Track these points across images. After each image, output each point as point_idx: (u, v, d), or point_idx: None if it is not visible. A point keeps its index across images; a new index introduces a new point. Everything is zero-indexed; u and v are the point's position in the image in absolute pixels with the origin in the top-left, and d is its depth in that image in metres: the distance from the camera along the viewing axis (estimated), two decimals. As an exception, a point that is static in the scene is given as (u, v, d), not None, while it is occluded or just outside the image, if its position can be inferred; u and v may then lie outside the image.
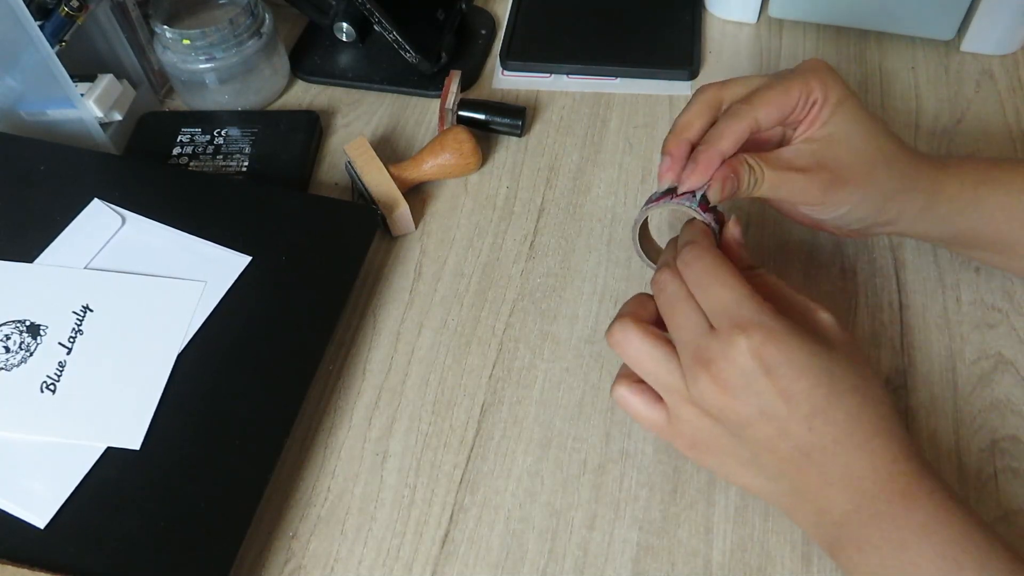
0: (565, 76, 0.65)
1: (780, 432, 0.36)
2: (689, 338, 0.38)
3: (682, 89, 0.64)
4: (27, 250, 0.50)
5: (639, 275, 0.53)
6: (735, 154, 0.42)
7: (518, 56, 0.65)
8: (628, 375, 0.41)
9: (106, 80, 0.58)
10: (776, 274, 0.41)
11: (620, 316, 0.41)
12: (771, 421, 0.36)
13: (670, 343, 0.39)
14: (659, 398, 0.40)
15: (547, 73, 0.65)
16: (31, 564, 0.39)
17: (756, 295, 0.37)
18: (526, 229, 0.56)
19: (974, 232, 0.46)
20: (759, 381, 0.36)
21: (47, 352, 0.46)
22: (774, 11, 0.67)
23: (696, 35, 0.66)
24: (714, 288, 0.38)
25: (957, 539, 0.35)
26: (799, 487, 0.38)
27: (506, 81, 0.66)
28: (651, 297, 0.41)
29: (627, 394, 0.41)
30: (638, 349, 0.39)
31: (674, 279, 0.40)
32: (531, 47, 0.66)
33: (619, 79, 0.65)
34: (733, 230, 0.43)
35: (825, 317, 0.39)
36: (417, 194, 0.58)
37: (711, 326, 0.37)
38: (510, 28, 0.68)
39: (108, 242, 0.51)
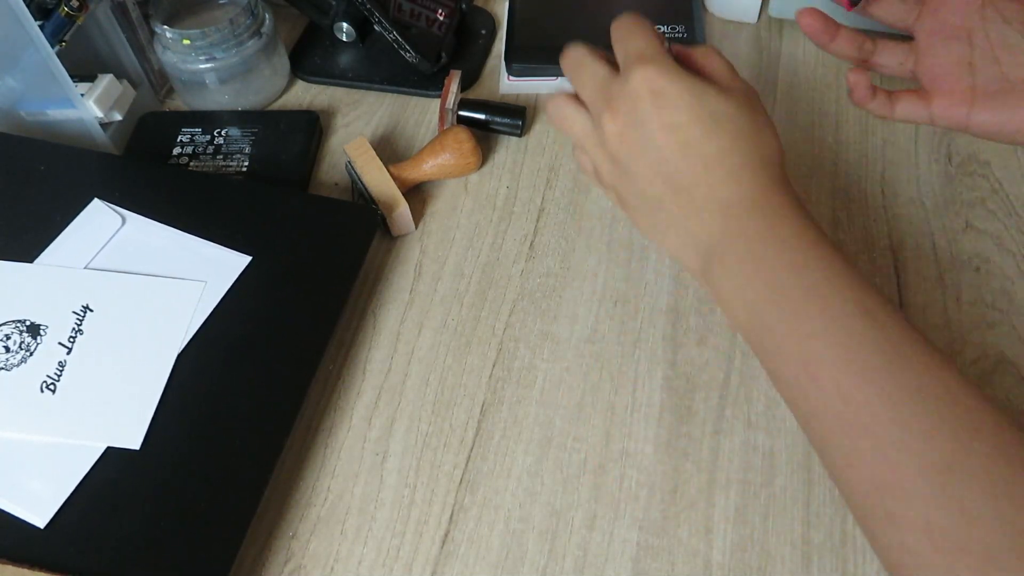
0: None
1: (659, 161, 0.40)
2: (595, 89, 0.43)
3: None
4: (27, 250, 0.50)
5: (639, 275, 0.53)
6: None
7: (522, 62, 0.65)
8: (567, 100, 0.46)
9: (106, 80, 0.58)
10: None
11: (552, 97, 0.46)
12: (652, 150, 0.40)
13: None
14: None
15: (553, 76, 0.65)
16: (31, 564, 0.39)
17: (664, 47, 0.41)
18: (526, 229, 0.56)
19: None
20: (645, 109, 0.39)
21: (47, 352, 0.46)
22: (774, 11, 0.67)
23: (698, 32, 0.66)
24: (634, 34, 0.42)
25: (811, 248, 0.38)
26: (674, 217, 0.41)
27: (513, 86, 0.66)
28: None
29: (564, 105, 0.46)
30: (565, 116, 0.45)
31: (581, 46, 0.45)
32: (534, 52, 0.66)
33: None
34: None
35: (740, 84, 0.42)
36: (417, 194, 0.58)
37: (616, 72, 0.42)
38: (510, 32, 0.68)
39: (108, 242, 0.51)
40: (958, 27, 0.47)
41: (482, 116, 0.61)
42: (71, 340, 0.46)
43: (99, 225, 0.51)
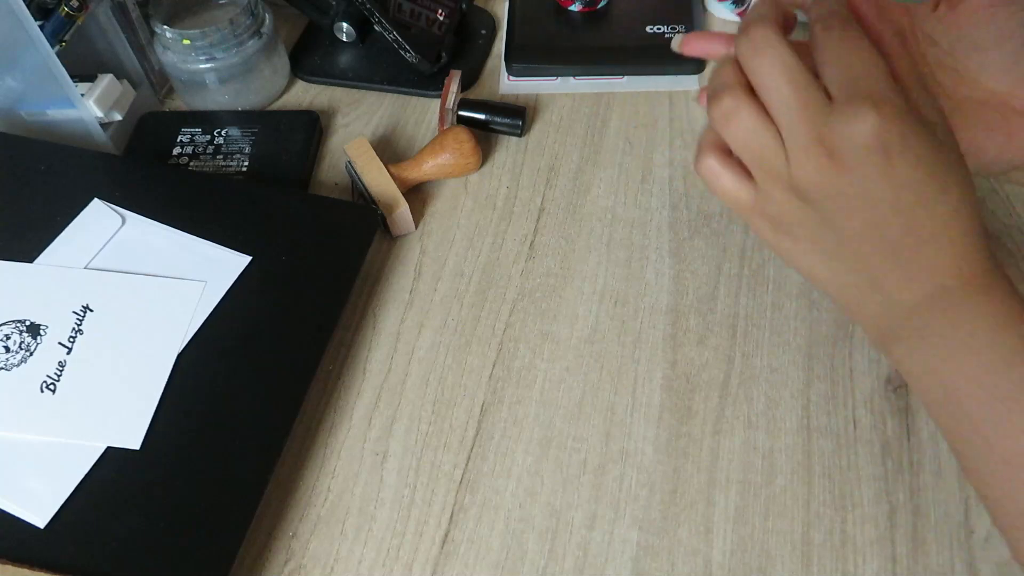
0: (572, 78, 0.65)
1: (878, 220, 0.34)
2: (804, 112, 0.33)
3: (689, 84, 0.64)
4: (27, 250, 0.50)
5: (639, 275, 0.53)
6: None
7: (522, 61, 0.65)
8: (716, 144, 0.38)
9: (106, 80, 0.58)
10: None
11: (729, 87, 0.36)
12: (874, 207, 0.34)
13: (773, 122, 0.35)
14: (748, 174, 0.37)
15: (554, 76, 0.65)
16: (31, 564, 0.39)
17: (891, 71, 0.34)
18: (526, 229, 0.56)
19: None
20: (877, 161, 0.32)
21: (47, 352, 0.46)
22: (774, 11, 0.67)
23: (699, 28, 0.66)
24: (861, 53, 0.33)
25: None
26: (876, 278, 0.36)
27: (513, 86, 0.66)
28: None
29: (717, 167, 0.38)
30: (748, 129, 0.35)
31: (780, 39, 0.35)
32: (534, 52, 0.66)
33: (625, 77, 0.65)
34: None
35: (936, 104, 0.35)
36: (417, 194, 0.58)
37: (828, 98, 0.33)
38: (510, 32, 0.68)
39: (108, 242, 0.51)
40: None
41: (482, 116, 0.61)
42: (71, 340, 0.46)
43: (99, 225, 0.51)
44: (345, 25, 0.65)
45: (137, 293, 0.48)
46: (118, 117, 0.60)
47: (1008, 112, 0.37)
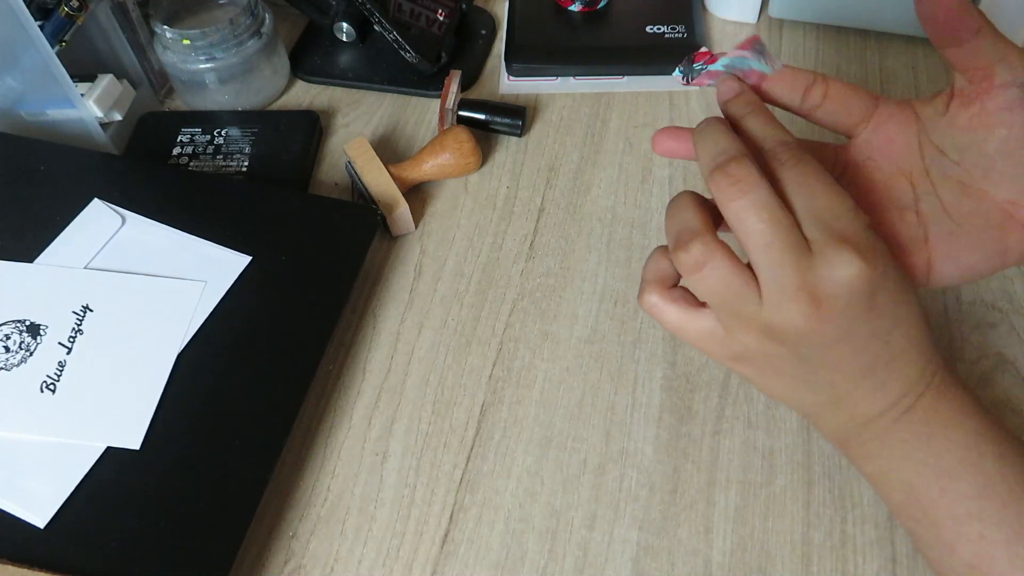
0: (572, 78, 0.65)
1: (856, 351, 0.34)
2: (787, 258, 0.32)
3: (688, 85, 0.64)
4: (27, 250, 0.50)
5: (639, 275, 0.53)
6: None
7: (522, 61, 0.65)
8: (657, 279, 0.37)
9: (106, 80, 0.58)
10: None
11: (698, 233, 0.34)
12: (853, 341, 0.34)
13: (748, 269, 0.34)
14: (698, 303, 0.36)
15: (554, 76, 0.65)
16: (31, 564, 0.39)
17: (858, 206, 0.33)
18: (526, 229, 0.56)
19: None
20: (861, 304, 0.32)
21: (47, 352, 0.46)
22: (774, 11, 0.67)
23: (698, 32, 0.66)
24: (825, 194, 0.33)
25: (979, 430, 0.35)
26: (841, 398, 0.36)
27: (513, 86, 0.66)
28: (706, 208, 0.36)
29: (660, 303, 0.37)
30: (722, 279, 0.34)
31: (762, 181, 0.33)
32: (534, 52, 0.66)
33: (625, 77, 0.65)
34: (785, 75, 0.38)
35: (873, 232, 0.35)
36: (417, 194, 0.58)
37: (804, 238, 0.32)
38: (510, 32, 0.68)
39: (108, 242, 0.51)
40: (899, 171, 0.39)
41: (482, 116, 0.61)
42: (71, 340, 0.46)
43: (99, 225, 0.51)
44: (345, 25, 0.65)
45: (137, 293, 0.48)
46: (118, 117, 0.60)
47: (1008, 226, 0.36)
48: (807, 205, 0.33)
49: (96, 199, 0.52)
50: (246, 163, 0.58)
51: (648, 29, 0.66)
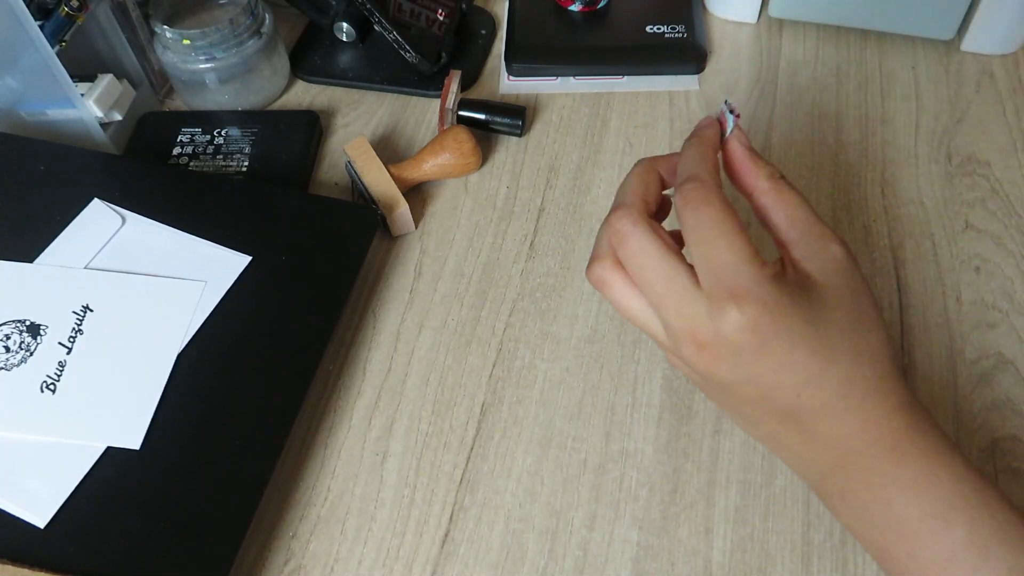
0: (572, 78, 0.65)
1: (765, 395, 0.35)
2: (666, 302, 0.34)
3: (689, 84, 0.64)
4: (27, 250, 0.50)
5: (639, 275, 0.53)
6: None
7: (522, 61, 0.65)
8: (607, 254, 0.38)
9: (106, 80, 0.58)
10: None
11: (599, 257, 0.37)
12: (757, 387, 0.35)
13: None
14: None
15: (553, 76, 0.65)
16: (31, 564, 0.39)
17: (757, 257, 0.34)
18: (526, 229, 0.56)
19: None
20: (749, 355, 0.33)
21: (47, 352, 0.46)
22: (774, 11, 0.67)
23: (698, 32, 0.66)
24: (713, 245, 0.34)
25: (948, 495, 0.34)
26: (782, 440, 0.37)
27: (513, 86, 0.66)
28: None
29: (607, 276, 0.38)
30: (620, 304, 0.37)
31: (638, 227, 0.35)
32: (534, 52, 0.66)
33: (625, 77, 0.65)
34: (740, 137, 0.38)
35: (836, 252, 0.36)
36: (417, 194, 0.58)
37: (696, 282, 0.34)
38: (510, 32, 0.68)
39: (108, 242, 0.51)
40: None
41: (482, 116, 0.61)
42: (71, 340, 0.46)
43: (99, 225, 0.51)
44: (345, 25, 0.65)
45: (137, 293, 0.48)
46: (118, 117, 0.60)
47: None
48: (701, 253, 0.34)
49: (96, 199, 0.52)
50: (246, 163, 0.58)
51: (648, 29, 0.66)
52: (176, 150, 0.59)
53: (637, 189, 0.38)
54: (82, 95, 0.56)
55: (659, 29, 0.66)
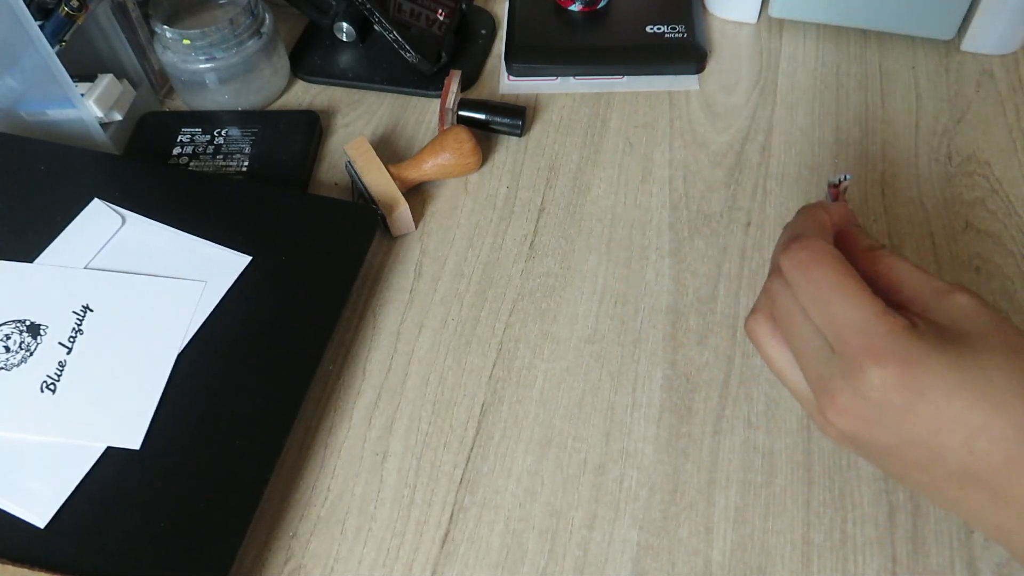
0: (572, 78, 0.65)
1: (933, 458, 0.31)
2: (810, 364, 0.33)
3: (689, 84, 0.64)
4: (27, 250, 0.50)
5: (639, 275, 0.53)
6: None
7: (522, 61, 0.65)
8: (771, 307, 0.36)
9: (106, 80, 0.58)
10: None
11: (754, 310, 0.36)
12: (920, 449, 0.31)
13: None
14: None
15: (553, 76, 0.66)
16: (31, 564, 0.39)
17: (886, 311, 0.31)
18: (526, 229, 0.56)
19: None
20: (898, 415, 0.30)
21: (47, 352, 0.46)
22: (774, 11, 0.67)
23: (698, 32, 0.66)
24: (834, 305, 0.32)
25: None
26: (972, 507, 0.32)
27: (513, 86, 0.66)
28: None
29: (759, 330, 0.37)
30: (764, 353, 0.36)
31: (786, 290, 0.34)
32: (534, 52, 0.66)
33: (625, 77, 0.65)
34: (844, 209, 0.37)
35: (963, 301, 0.32)
36: (417, 194, 0.58)
37: (832, 348, 0.32)
38: (510, 32, 0.68)
39: (108, 242, 0.51)
40: None
41: (482, 116, 0.61)
42: (71, 340, 0.46)
43: (99, 225, 0.51)
44: (345, 25, 0.65)
45: (137, 293, 0.48)
46: (118, 117, 0.60)
47: None
48: (823, 316, 0.32)
49: (96, 199, 0.52)
50: (246, 163, 0.58)
51: (648, 29, 0.66)
52: (176, 150, 0.59)
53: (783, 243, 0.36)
54: (82, 95, 0.56)
55: (659, 29, 0.66)
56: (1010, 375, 0.30)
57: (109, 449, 0.42)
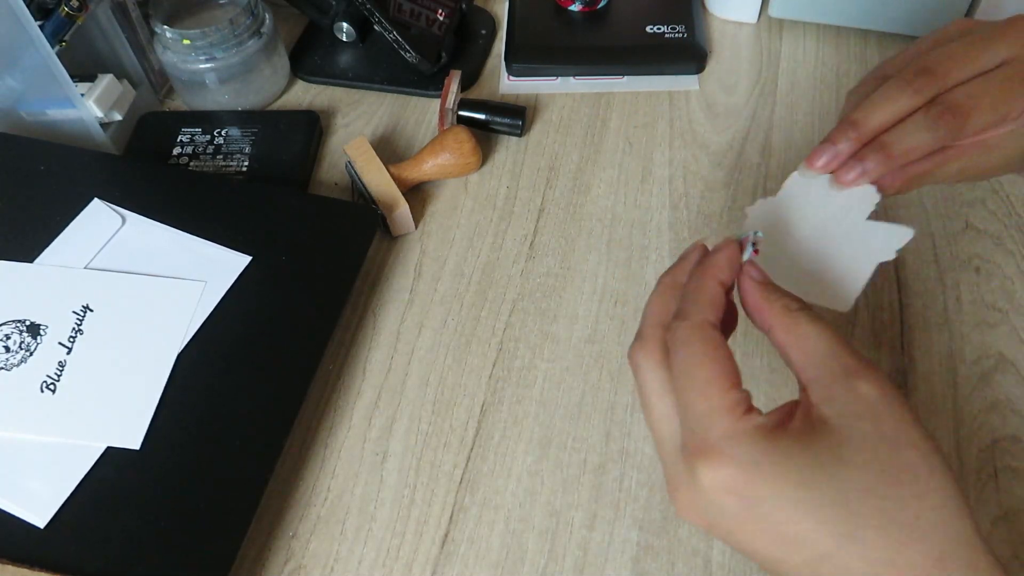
0: (572, 78, 0.65)
1: (777, 567, 0.29)
2: (663, 446, 0.32)
3: (689, 84, 0.64)
4: (27, 250, 0.50)
5: (639, 275, 0.53)
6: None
7: (522, 61, 0.65)
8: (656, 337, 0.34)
9: (106, 80, 0.58)
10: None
11: (640, 344, 0.33)
12: (760, 558, 0.29)
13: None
14: None
15: (554, 76, 0.66)
16: (31, 564, 0.39)
17: (734, 407, 0.29)
18: (526, 229, 0.56)
19: None
20: (734, 520, 0.29)
21: (47, 352, 0.46)
22: (774, 11, 0.67)
23: (698, 32, 0.66)
24: (690, 390, 0.30)
25: None
26: None
27: (513, 86, 0.66)
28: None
29: (638, 358, 0.34)
30: (651, 392, 0.33)
31: (644, 370, 0.32)
32: (534, 52, 0.66)
33: (625, 77, 0.65)
34: (752, 271, 0.35)
35: (865, 390, 0.29)
36: (417, 194, 0.58)
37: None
38: (510, 32, 0.68)
39: (108, 242, 0.51)
40: None
41: (482, 116, 0.61)
42: (71, 340, 0.46)
43: (99, 225, 0.51)
44: (345, 25, 0.65)
45: (137, 293, 0.48)
46: (118, 117, 0.60)
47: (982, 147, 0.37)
48: (680, 399, 0.31)
49: (96, 199, 0.52)
50: (246, 163, 0.58)
51: (648, 29, 0.66)
52: (176, 150, 0.59)
53: (652, 322, 0.34)
54: (82, 95, 0.56)
55: (659, 29, 0.66)
56: (870, 499, 0.27)
57: (109, 449, 0.42)
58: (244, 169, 0.58)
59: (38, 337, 0.46)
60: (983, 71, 0.36)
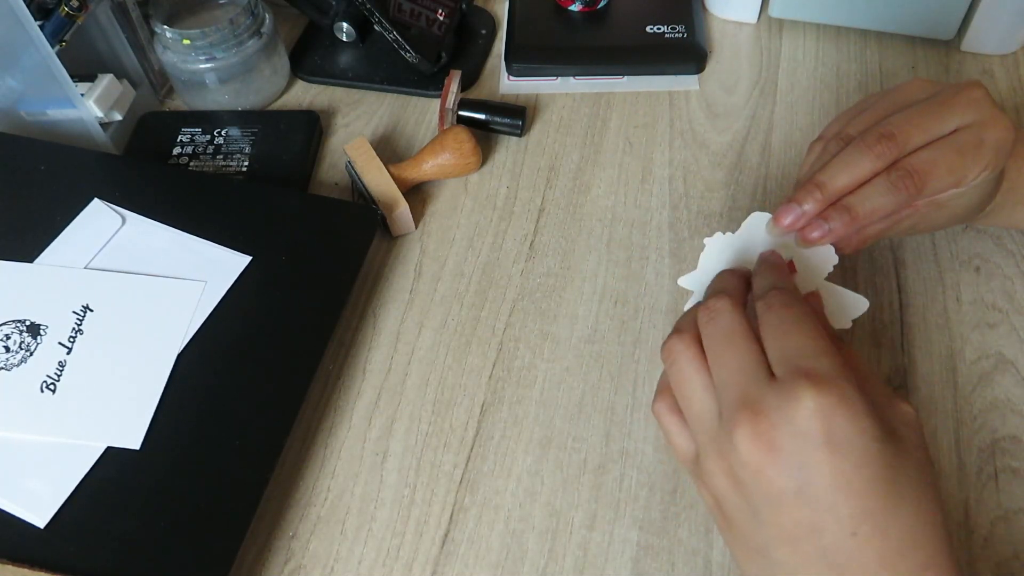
0: (572, 78, 0.65)
1: (813, 525, 0.30)
2: (737, 380, 0.32)
3: (689, 84, 0.64)
4: (27, 250, 0.50)
5: (639, 275, 0.53)
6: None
7: (522, 61, 0.65)
8: (668, 389, 0.37)
9: (106, 80, 0.58)
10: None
11: (680, 331, 0.36)
12: (808, 506, 0.30)
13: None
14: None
15: (554, 76, 0.66)
16: (31, 564, 0.39)
17: (843, 359, 0.31)
18: (526, 229, 0.56)
19: None
20: (813, 452, 0.29)
21: (47, 352, 0.46)
22: (774, 11, 0.67)
23: (698, 32, 0.66)
24: (794, 335, 0.32)
25: None
26: None
27: (513, 86, 0.66)
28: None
29: (664, 411, 0.37)
30: (686, 376, 0.34)
31: (734, 311, 0.34)
32: (534, 52, 0.66)
33: (625, 77, 0.65)
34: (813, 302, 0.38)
35: (906, 410, 0.33)
36: (417, 194, 0.58)
37: (771, 375, 0.31)
38: (510, 32, 0.68)
39: (108, 242, 0.51)
40: None
41: (482, 116, 0.61)
42: (71, 340, 0.46)
43: (99, 225, 0.51)
44: (345, 25, 0.65)
45: (137, 293, 0.48)
46: (118, 117, 0.60)
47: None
48: (777, 344, 0.32)
49: (96, 199, 0.52)
50: (246, 163, 0.58)
51: (648, 29, 0.66)
52: (176, 150, 0.59)
53: (734, 283, 0.38)
54: (82, 95, 0.56)
55: (659, 29, 0.66)
56: (914, 483, 0.31)
57: (109, 449, 0.42)
58: (244, 169, 0.58)
59: (38, 337, 0.46)
60: (939, 136, 0.39)
